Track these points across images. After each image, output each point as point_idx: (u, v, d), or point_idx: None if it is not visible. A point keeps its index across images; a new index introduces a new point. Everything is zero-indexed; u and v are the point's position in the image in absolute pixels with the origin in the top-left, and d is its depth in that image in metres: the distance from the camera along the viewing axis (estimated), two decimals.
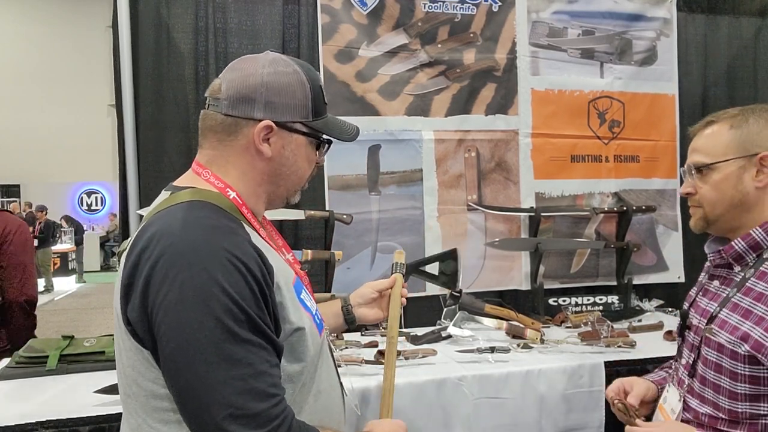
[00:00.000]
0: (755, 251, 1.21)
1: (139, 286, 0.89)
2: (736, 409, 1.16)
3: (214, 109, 1.03)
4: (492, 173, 2.88)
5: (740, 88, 3.22)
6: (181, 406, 0.88)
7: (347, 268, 2.70)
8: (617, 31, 2.99)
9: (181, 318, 0.85)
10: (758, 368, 1.12)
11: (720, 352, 1.18)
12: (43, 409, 1.66)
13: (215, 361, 0.84)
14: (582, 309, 2.83)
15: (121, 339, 0.95)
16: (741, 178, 1.21)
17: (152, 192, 2.52)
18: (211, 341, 0.85)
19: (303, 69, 1.07)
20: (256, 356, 0.88)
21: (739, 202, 1.22)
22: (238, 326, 0.86)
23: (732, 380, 1.16)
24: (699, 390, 1.24)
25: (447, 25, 2.80)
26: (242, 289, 0.88)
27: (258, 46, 2.65)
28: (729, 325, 1.18)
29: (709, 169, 1.24)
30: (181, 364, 0.86)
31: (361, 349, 2.16)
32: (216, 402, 0.84)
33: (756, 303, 1.15)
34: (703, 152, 1.26)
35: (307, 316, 1.02)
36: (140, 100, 2.57)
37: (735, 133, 1.22)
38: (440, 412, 1.90)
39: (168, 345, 0.86)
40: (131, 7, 2.52)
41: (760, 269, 1.19)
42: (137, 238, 0.94)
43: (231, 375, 0.85)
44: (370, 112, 2.72)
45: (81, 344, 2.13)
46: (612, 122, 2.99)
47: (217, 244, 0.89)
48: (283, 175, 1.07)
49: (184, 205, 0.95)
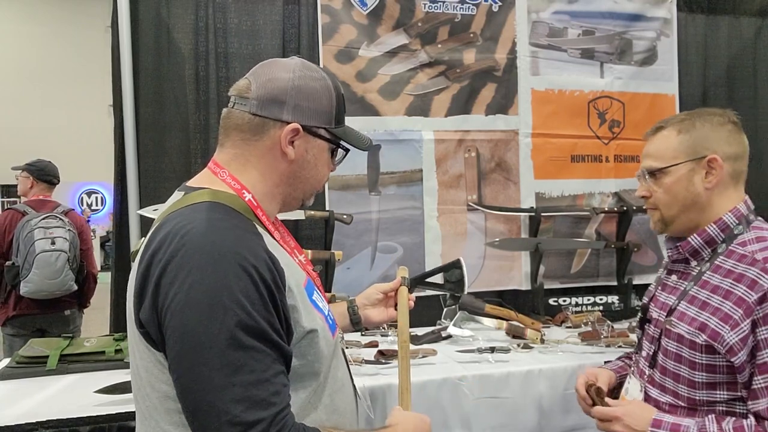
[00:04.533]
0: (710, 246, 1.29)
1: (150, 288, 0.89)
2: (695, 397, 1.22)
3: (241, 108, 1.03)
4: (492, 173, 2.88)
5: (740, 88, 3.22)
6: (184, 408, 0.88)
7: (347, 268, 2.70)
8: (617, 31, 2.99)
9: (187, 321, 0.85)
10: (715, 357, 1.18)
11: (680, 342, 1.24)
12: (43, 409, 1.66)
13: (218, 366, 0.84)
14: (582, 309, 2.83)
15: (134, 341, 0.95)
16: (691, 180, 1.28)
17: (152, 192, 2.53)
18: (215, 346, 0.84)
19: (329, 76, 1.09)
20: (259, 363, 0.86)
21: (691, 203, 1.29)
22: (244, 332, 0.85)
23: (690, 369, 1.22)
24: (659, 380, 1.30)
25: (447, 25, 2.80)
26: (252, 293, 0.87)
27: (258, 46, 2.66)
28: (687, 317, 1.25)
29: (661, 173, 1.31)
30: (185, 367, 0.86)
31: (361, 349, 2.17)
32: (215, 407, 0.84)
33: (712, 295, 1.22)
34: (654, 157, 1.33)
35: (320, 317, 1.02)
36: (140, 100, 2.57)
37: (683, 138, 1.29)
38: (440, 411, 1.90)
39: (174, 347, 0.86)
40: (131, 7, 2.52)
41: (715, 263, 1.26)
42: (150, 239, 0.94)
43: (232, 381, 0.84)
44: (370, 112, 2.72)
45: (81, 344, 2.13)
46: (612, 122, 2.99)
47: (229, 248, 0.89)
48: (302, 178, 1.08)
49: (198, 206, 0.95)
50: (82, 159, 12.48)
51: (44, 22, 13.22)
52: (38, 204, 3.32)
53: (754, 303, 1.14)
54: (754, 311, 1.14)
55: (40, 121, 12.76)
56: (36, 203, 3.34)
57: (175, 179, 2.47)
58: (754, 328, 1.14)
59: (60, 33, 13.29)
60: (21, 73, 13.00)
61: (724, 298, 1.20)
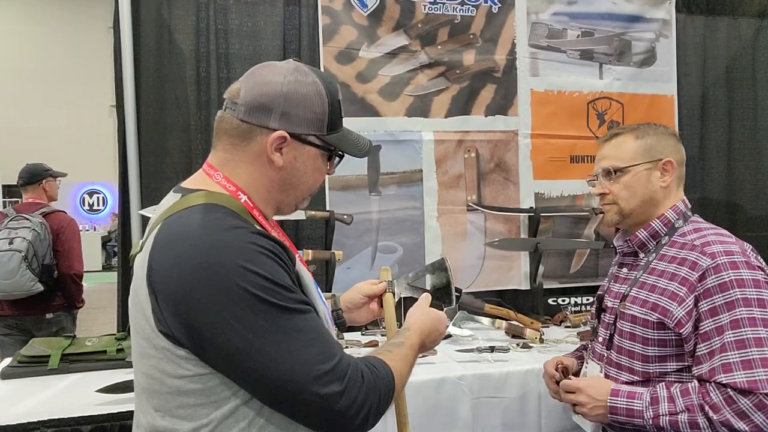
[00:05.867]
0: (655, 239, 1.47)
1: (171, 293, 0.90)
2: (648, 370, 1.38)
3: (231, 113, 1.04)
4: (491, 174, 2.89)
5: (739, 89, 3.23)
6: (264, 395, 0.92)
7: (347, 268, 2.71)
8: (616, 33, 3.00)
9: (230, 315, 0.87)
10: (665, 332, 1.34)
11: (633, 322, 1.40)
12: (44, 409, 1.67)
13: (281, 340, 0.88)
14: (581, 309, 2.85)
15: (144, 340, 0.95)
16: (649, 179, 1.46)
17: (154, 192, 2.54)
18: (270, 327, 0.88)
19: (324, 82, 1.07)
20: (308, 322, 0.92)
21: (649, 198, 1.46)
22: (282, 301, 0.90)
23: (644, 345, 1.38)
24: (616, 359, 1.45)
25: (447, 27, 2.81)
26: (274, 268, 0.91)
27: (259, 47, 2.67)
28: (639, 300, 1.41)
29: (621, 172, 1.47)
30: (252, 359, 0.88)
31: (361, 349, 2.17)
32: (297, 373, 0.88)
33: (660, 279, 1.39)
34: (614, 158, 1.49)
35: (322, 309, 1.05)
36: (141, 100, 2.58)
37: (640, 143, 1.47)
38: (440, 411, 1.91)
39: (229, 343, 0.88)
40: (133, 8, 2.54)
41: (660, 252, 1.43)
42: (155, 243, 0.94)
43: (297, 346, 0.89)
44: (370, 113, 2.73)
45: (83, 343, 2.14)
46: (611, 123, 3.00)
47: (240, 240, 0.91)
48: (293, 185, 1.08)
49: (199, 208, 0.96)
50: (83, 159, 12.50)
51: (44, 22, 13.22)
52: (25, 207, 3.33)
53: (695, 281, 1.31)
54: (696, 288, 1.30)
55: (41, 121, 12.77)
56: (24, 206, 3.35)
57: (177, 179, 2.44)
58: (696, 302, 1.30)
59: (61, 33, 13.29)
60: (21, 73, 13.00)
61: (670, 280, 1.36)
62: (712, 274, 1.29)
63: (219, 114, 1.07)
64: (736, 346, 1.24)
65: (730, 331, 1.25)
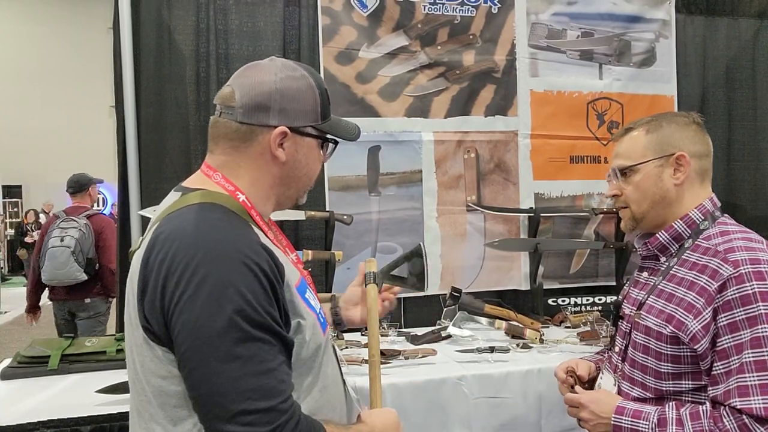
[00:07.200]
0: (677, 242, 1.32)
1: (155, 287, 0.92)
2: (661, 388, 1.26)
3: (227, 117, 1.05)
4: (491, 174, 2.89)
5: (739, 90, 3.22)
6: (195, 402, 0.92)
7: (347, 268, 2.71)
8: (616, 33, 3.00)
9: (196, 318, 0.88)
10: (679, 347, 1.21)
11: (647, 334, 1.28)
12: (44, 409, 1.68)
13: (229, 359, 0.88)
14: (581, 309, 2.84)
15: (133, 337, 0.98)
16: (660, 177, 1.32)
17: (153, 193, 2.54)
18: (225, 340, 0.88)
19: (309, 73, 1.11)
20: (266, 354, 0.91)
21: (660, 199, 1.33)
22: (250, 325, 0.89)
23: (657, 360, 1.25)
24: (629, 372, 1.33)
25: (447, 27, 2.81)
26: (255, 288, 0.91)
27: (259, 48, 2.66)
28: (655, 310, 1.28)
29: (631, 171, 1.35)
30: (195, 362, 0.89)
31: (361, 349, 2.17)
32: (229, 399, 0.87)
33: (678, 287, 1.25)
34: (624, 156, 1.37)
35: (312, 314, 1.05)
36: (141, 101, 2.58)
37: (651, 137, 1.34)
38: (440, 411, 1.91)
39: (184, 343, 0.89)
40: (132, 8, 2.53)
41: (682, 257, 1.29)
42: (151, 240, 0.96)
43: (243, 372, 0.88)
44: (370, 114, 2.73)
45: (83, 344, 2.15)
46: (611, 123, 3.00)
47: (230, 245, 0.93)
48: (295, 178, 1.11)
49: (196, 207, 0.98)
50: (83, 159, 12.46)
51: (44, 22, 13.23)
52: (72, 210, 4.02)
53: (714, 291, 1.17)
54: (714, 299, 1.17)
55: (41, 121, 12.76)
56: (71, 210, 4.04)
57: (176, 179, 2.44)
58: (715, 315, 1.17)
59: (60, 33, 13.30)
60: (21, 73, 13.00)
61: (688, 289, 1.23)
62: (734, 284, 1.15)
63: (213, 119, 1.09)
64: (755, 367, 1.11)
65: (750, 350, 1.12)
